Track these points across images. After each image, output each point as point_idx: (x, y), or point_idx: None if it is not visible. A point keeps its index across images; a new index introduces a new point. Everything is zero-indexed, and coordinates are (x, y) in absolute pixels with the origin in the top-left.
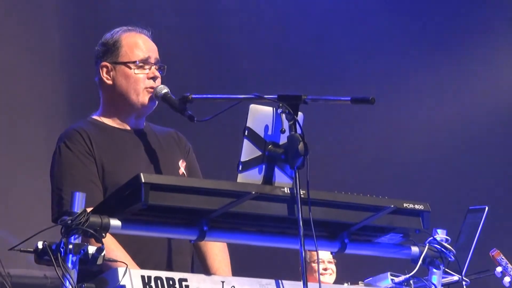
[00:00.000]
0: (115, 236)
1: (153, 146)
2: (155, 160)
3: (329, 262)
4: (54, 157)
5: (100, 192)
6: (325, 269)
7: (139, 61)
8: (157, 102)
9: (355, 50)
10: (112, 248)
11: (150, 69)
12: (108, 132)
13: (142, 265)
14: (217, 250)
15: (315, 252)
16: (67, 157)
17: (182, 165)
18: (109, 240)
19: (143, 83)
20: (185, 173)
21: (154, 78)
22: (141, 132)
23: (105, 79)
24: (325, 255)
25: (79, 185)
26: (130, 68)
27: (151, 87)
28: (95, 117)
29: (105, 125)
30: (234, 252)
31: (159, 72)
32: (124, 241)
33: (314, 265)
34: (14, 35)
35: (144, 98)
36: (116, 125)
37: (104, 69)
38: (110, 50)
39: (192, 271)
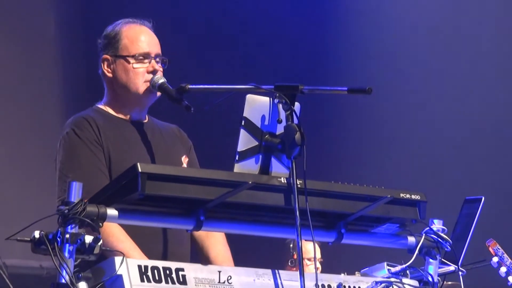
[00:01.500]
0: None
1: (156, 139)
2: (159, 152)
3: (318, 261)
4: (61, 144)
5: (107, 180)
6: (317, 268)
7: (139, 54)
8: (158, 95)
9: (355, 40)
10: (122, 239)
11: (150, 62)
12: (114, 122)
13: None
14: (220, 246)
15: (310, 250)
16: (75, 144)
17: (184, 161)
18: (118, 231)
19: (142, 76)
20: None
21: (153, 72)
22: (144, 125)
23: (106, 72)
24: (317, 254)
25: (87, 172)
26: (129, 61)
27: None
28: (100, 106)
29: (110, 115)
30: (231, 242)
31: (162, 65)
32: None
33: (305, 262)
34: (9, 28)
35: (143, 90)
36: (120, 116)
37: (105, 62)
38: (111, 43)
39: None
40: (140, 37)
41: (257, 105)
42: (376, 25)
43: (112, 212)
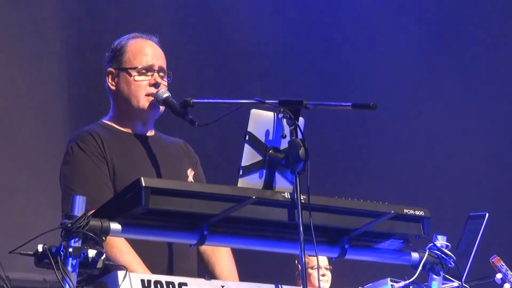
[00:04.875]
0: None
1: (162, 153)
2: (165, 166)
3: (326, 268)
4: (65, 158)
5: (111, 193)
6: (323, 275)
7: (142, 67)
8: (161, 109)
9: (358, 55)
10: (125, 251)
11: (152, 75)
12: (119, 136)
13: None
14: (225, 261)
15: (314, 258)
16: (79, 158)
17: (190, 174)
18: (121, 243)
19: (144, 89)
20: (193, 182)
21: (156, 85)
22: (150, 139)
23: (110, 85)
24: (323, 261)
25: (91, 186)
26: (131, 74)
27: (152, 94)
28: (105, 121)
29: (115, 129)
30: (237, 256)
31: (167, 79)
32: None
33: (311, 271)
34: (15, 38)
35: (145, 104)
36: (125, 130)
37: (110, 75)
38: (116, 56)
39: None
40: (144, 50)
41: (261, 120)
42: (378, 41)
43: (115, 226)
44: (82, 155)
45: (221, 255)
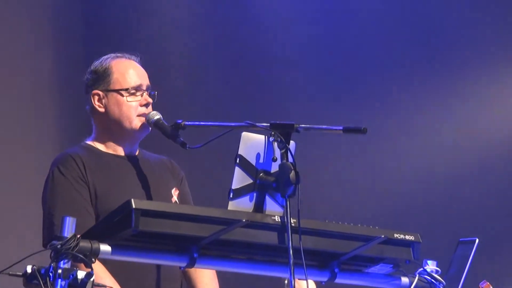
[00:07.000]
0: (106, 262)
1: (146, 173)
2: (148, 187)
3: None
4: (47, 182)
5: (92, 218)
6: None
7: (131, 88)
8: (150, 129)
9: (347, 78)
10: (101, 275)
11: (142, 95)
12: (102, 158)
13: None
14: (207, 280)
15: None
16: (60, 182)
17: (175, 193)
18: (98, 267)
19: (135, 110)
20: (177, 201)
21: (146, 105)
22: (134, 159)
23: (97, 107)
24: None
25: (71, 211)
26: (123, 95)
27: (144, 114)
28: (89, 142)
29: (99, 151)
30: (226, 277)
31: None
32: (114, 267)
33: None
34: (4, 57)
35: (137, 124)
36: (109, 151)
37: (96, 97)
38: (101, 78)
39: None
40: (130, 71)
41: (252, 143)
42: (368, 66)
43: (105, 247)
44: (62, 179)
45: (203, 273)
